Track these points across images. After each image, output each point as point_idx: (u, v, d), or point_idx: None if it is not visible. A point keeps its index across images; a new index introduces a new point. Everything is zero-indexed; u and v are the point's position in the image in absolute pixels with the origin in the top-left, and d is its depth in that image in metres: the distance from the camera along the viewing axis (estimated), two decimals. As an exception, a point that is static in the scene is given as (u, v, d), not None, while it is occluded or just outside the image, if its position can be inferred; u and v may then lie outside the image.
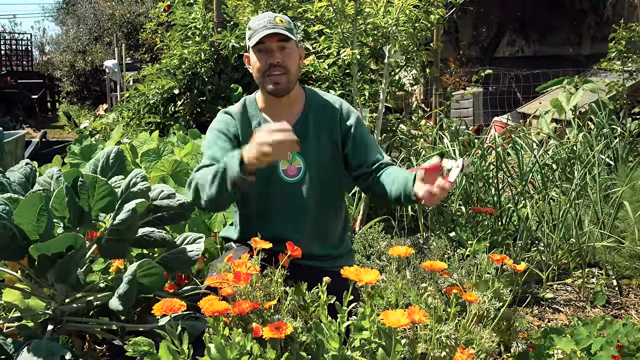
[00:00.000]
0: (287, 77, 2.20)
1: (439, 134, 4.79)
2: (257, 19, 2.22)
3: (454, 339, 1.62)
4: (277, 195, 2.28)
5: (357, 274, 1.66)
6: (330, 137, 2.31)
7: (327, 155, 2.31)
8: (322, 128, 2.30)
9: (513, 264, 1.99)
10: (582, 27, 13.98)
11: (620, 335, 1.84)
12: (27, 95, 14.61)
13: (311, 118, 2.30)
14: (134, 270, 1.95)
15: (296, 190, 2.28)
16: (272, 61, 2.18)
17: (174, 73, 5.01)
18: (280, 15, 2.24)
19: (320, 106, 2.33)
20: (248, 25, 2.26)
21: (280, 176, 2.27)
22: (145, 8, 16.69)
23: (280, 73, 2.18)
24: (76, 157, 3.37)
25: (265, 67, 2.19)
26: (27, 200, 1.88)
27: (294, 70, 2.23)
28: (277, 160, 2.10)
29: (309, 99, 2.34)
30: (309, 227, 2.28)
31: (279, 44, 2.18)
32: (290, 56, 2.21)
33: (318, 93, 2.40)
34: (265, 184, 2.27)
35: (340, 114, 2.33)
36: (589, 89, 5.96)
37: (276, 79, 2.19)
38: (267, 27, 2.16)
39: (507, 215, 3.75)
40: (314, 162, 2.28)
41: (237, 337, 1.55)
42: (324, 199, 2.32)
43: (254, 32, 2.20)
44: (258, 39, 2.15)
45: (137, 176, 2.08)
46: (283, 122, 1.88)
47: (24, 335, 1.99)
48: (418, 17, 3.82)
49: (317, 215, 2.31)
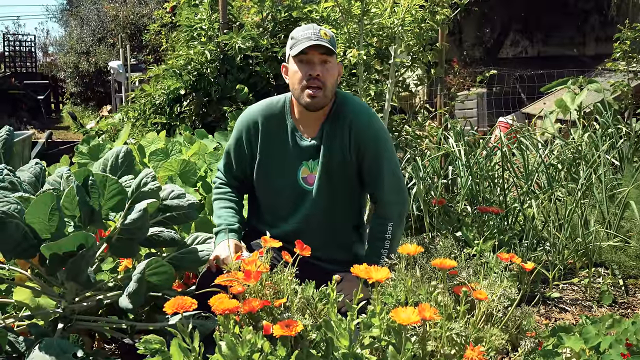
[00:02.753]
0: (323, 92, 2.18)
1: (444, 134, 4.79)
2: (302, 29, 2.22)
3: (464, 337, 1.63)
4: (294, 201, 2.32)
5: (367, 271, 1.67)
6: (350, 151, 2.29)
7: (347, 165, 2.30)
8: (345, 140, 2.28)
9: (521, 262, 2.00)
10: (586, 27, 13.96)
11: (629, 334, 1.84)
12: (32, 97, 14.63)
13: (334, 128, 2.28)
14: (142, 268, 1.96)
15: (314, 198, 2.30)
16: (312, 73, 2.16)
17: (180, 73, 5.02)
18: (325, 29, 2.23)
19: (346, 120, 2.28)
20: (291, 34, 2.24)
21: (300, 183, 2.30)
22: (148, 9, 16.70)
23: (317, 87, 2.17)
24: (84, 157, 3.39)
25: (305, 78, 2.17)
26: (39, 199, 1.89)
27: (331, 86, 2.21)
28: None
29: (336, 109, 2.29)
30: (325, 233, 2.29)
31: (321, 57, 2.18)
32: (329, 72, 2.19)
33: (348, 102, 2.32)
34: (284, 188, 2.30)
35: (364, 140, 2.28)
36: (594, 89, 5.96)
37: (313, 92, 2.17)
38: (312, 38, 2.15)
39: (513, 215, 3.75)
40: (333, 171, 2.29)
41: (248, 335, 1.56)
42: (334, 207, 2.33)
43: (297, 41, 2.18)
44: (301, 48, 2.14)
45: (147, 176, 2.09)
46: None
47: (35, 333, 2.00)
48: (424, 17, 3.82)
49: (333, 222, 2.34)
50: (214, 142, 3.73)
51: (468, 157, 4.14)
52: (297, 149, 2.30)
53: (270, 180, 2.34)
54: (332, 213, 2.33)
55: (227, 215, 2.33)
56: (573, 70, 8.07)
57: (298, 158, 2.30)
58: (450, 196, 4.14)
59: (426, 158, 4.44)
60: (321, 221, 2.31)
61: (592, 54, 13.64)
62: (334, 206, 2.33)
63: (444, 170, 4.29)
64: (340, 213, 2.35)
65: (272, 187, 2.34)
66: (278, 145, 2.31)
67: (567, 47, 14.30)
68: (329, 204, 2.31)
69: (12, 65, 19.08)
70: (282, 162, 2.31)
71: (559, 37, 14.36)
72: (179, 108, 4.98)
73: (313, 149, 2.29)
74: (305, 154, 2.29)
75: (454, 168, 4.22)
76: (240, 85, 4.81)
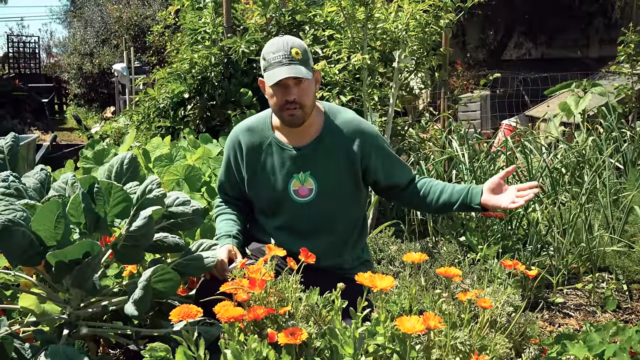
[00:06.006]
0: (303, 110, 2.21)
1: (448, 137, 4.79)
2: (272, 50, 2.19)
3: (468, 345, 1.64)
4: (289, 214, 2.34)
5: (371, 280, 1.67)
6: (349, 162, 2.32)
7: (342, 178, 2.33)
8: (340, 152, 2.31)
9: (525, 269, 2.00)
10: (590, 29, 13.93)
11: (633, 342, 1.85)
12: (36, 99, 14.66)
13: (327, 141, 2.31)
14: (148, 275, 1.97)
15: (307, 210, 2.31)
16: (289, 98, 2.18)
17: (184, 77, 5.03)
18: (297, 45, 2.20)
19: (340, 131, 2.32)
20: (262, 53, 2.23)
21: (291, 196, 2.31)
22: (152, 11, 16.73)
23: (295, 108, 2.19)
24: (89, 162, 3.40)
25: (282, 103, 2.20)
26: (45, 207, 1.90)
27: (310, 103, 2.24)
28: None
29: (327, 122, 2.33)
30: (320, 244, 2.28)
31: (296, 80, 2.18)
32: (306, 92, 2.20)
33: (338, 114, 2.37)
34: (277, 203, 2.33)
35: (364, 142, 2.32)
36: (598, 93, 5.95)
37: (291, 112, 2.20)
38: (283, 62, 2.14)
39: (517, 220, 3.75)
40: (326, 183, 2.30)
41: (254, 344, 1.57)
42: (335, 218, 2.35)
43: (268, 65, 2.18)
44: (274, 81, 2.14)
45: (152, 182, 2.10)
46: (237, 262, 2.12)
47: (41, 339, 2.01)
48: (428, 21, 3.83)
49: (328, 233, 2.35)
50: (218, 147, 3.73)
51: (472, 160, 4.14)
52: (285, 161, 2.31)
53: (261, 195, 2.37)
54: (329, 222, 2.34)
55: (224, 225, 2.39)
56: (577, 73, 8.06)
57: (287, 170, 2.31)
58: (454, 200, 4.13)
59: (430, 162, 4.44)
60: (318, 232, 2.33)
61: (596, 56, 13.61)
62: (331, 216, 2.34)
63: (448, 174, 4.29)
64: (339, 221, 2.37)
65: (265, 201, 2.38)
66: (263, 160, 2.34)
67: (571, 49, 14.28)
68: (325, 214, 2.33)
69: (16, 66, 19.12)
70: (271, 177, 2.33)
71: (563, 40, 14.34)
72: (183, 112, 4.99)
73: (301, 160, 2.30)
74: (294, 165, 2.30)
75: (457, 172, 4.22)
76: (244, 89, 4.82)
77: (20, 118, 13.26)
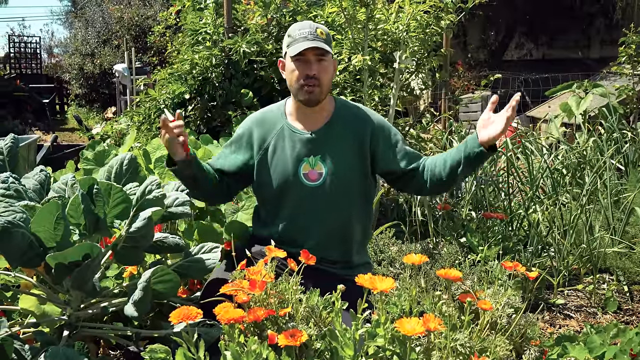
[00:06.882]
0: (320, 89, 2.27)
1: (449, 138, 4.79)
2: (298, 27, 2.28)
3: (468, 347, 1.63)
4: (297, 198, 2.33)
5: (371, 281, 1.67)
6: (359, 149, 2.35)
7: (351, 164, 2.35)
8: (350, 138, 2.35)
9: (526, 271, 2.00)
10: (591, 30, 13.93)
11: (634, 344, 1.85)
12: (37, 99, 14.66)
13: (337, 126, 2.35)
14: (148, 277, 1.97)
15: (316, 194, 2.32)
16: (309, 72, 2.24)
17: (185, 78, 5.03)
18: (322, 27, 2.30)
19: (350, 117, 2.38)
20: (288, 32, 2.31)
21: (301, 179, 2.32)
22: (153, 11, 16.74)
23: (314, 85, 2.25)
24: (90, 163, 3.39)
25: (303, 77, 2.25)
26: (44, 208, 1.90)
27: (327, 83, 2.30)
28: (175, 145, 2.11)
29: (337, 109, 2.39)
30: (327, 231, 2.30)
31: (318, 56, 2.25)
32: (326, 70, 2.28)
33: (349, 105, 2.45)
34: (286, 188, 2.32)
35: (373, 128, 2.37)
36: (599, 93, 5.94)
37: (310, 90, 2.25)
38: (308, 38, 2.22)
39: (518, 221, 3.75)
40: (336, 168, 2.32)
41: (254, 345, 1.57)
42: (343, 204, 2.35)
43: (293, 40, 2.25)
44: (299, 50, 2.21)
45: (152, 183, 2.10)
46: (163, 116, 2.07)
47: (41, 341, 2.01)
48: (429, 22, 3.83)
49: (335, 220, 2.34)
50: (218, 148, 3.73)
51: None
52: (295, 144, 2.33)
53: (270, 180, 2.37)
54: (337, 209, 2.34)
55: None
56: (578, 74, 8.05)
57: (297, 154, 2.33)
58: (454, 201, 4.14)
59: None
60: (326, 218, 2.33)
61: (597, 57, 13.61)
62: (339, 202, 2.34)
63: (449, 175, 4.28)
64: (345, 210, 2.36)
65: (273, 187, 2.36)
66: (275, 143, 2.36)
67: (572, 50, 14.28)
68: (333, 200, 2.33)
69: (17, 66, 19.13)
70: (281, 160, 2.34)
71: (564, 40, 14.34)
72: (183, 112, 4.99)
73: (312, 144, 2.32)
74: (305, 149, 2.33)
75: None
76: (245, 90, 4.82)
77: (21, 118, 13.27)
